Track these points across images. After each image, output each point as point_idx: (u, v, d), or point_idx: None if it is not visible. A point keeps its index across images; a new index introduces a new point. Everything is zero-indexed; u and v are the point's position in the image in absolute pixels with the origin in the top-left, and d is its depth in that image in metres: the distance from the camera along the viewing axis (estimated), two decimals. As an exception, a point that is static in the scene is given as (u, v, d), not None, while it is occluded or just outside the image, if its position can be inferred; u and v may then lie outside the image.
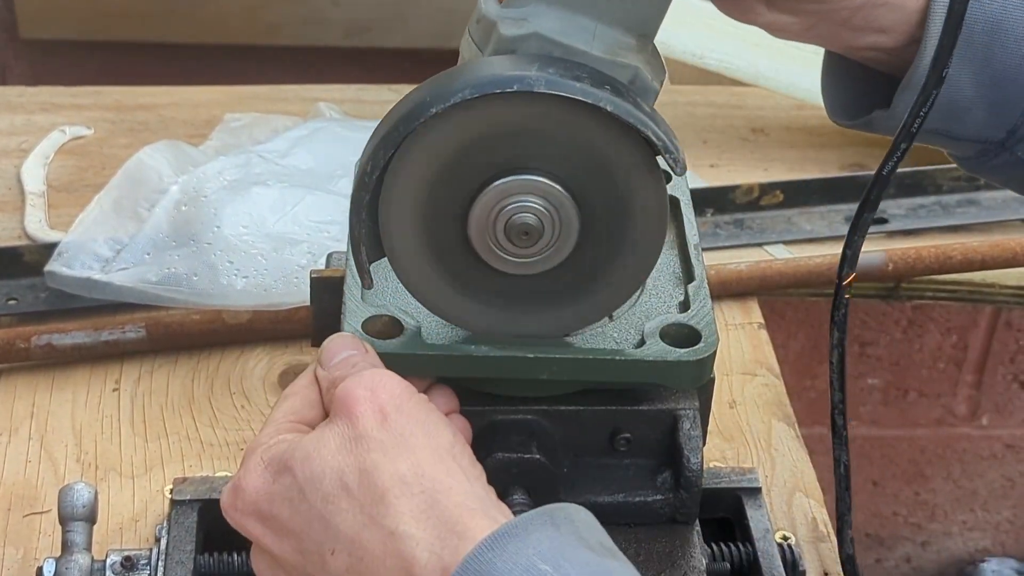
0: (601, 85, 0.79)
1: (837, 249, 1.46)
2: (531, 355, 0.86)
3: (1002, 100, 0.95)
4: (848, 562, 1.06)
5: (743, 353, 1.35)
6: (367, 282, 0.86)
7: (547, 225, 0.83)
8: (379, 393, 0.79)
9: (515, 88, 0.78)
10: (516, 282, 0.86)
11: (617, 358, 0.87)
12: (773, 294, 1.46)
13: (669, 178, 0.97)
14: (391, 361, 0.85)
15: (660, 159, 0.82)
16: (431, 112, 0.79)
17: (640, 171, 0.82)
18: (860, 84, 0.99)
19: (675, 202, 1.01)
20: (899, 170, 1.57)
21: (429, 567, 0.72)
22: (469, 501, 0.75)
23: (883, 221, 1.52)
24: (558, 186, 0.82)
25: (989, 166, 0.99)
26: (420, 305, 0.90)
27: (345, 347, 0.85)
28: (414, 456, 0.76)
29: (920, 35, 0.93)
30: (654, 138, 0.80)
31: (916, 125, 0.92)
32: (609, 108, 0.79)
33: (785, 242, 1.49)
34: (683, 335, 0.89)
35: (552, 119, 0.80)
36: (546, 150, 0.81)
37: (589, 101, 0.78)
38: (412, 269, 0.86)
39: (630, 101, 0.80)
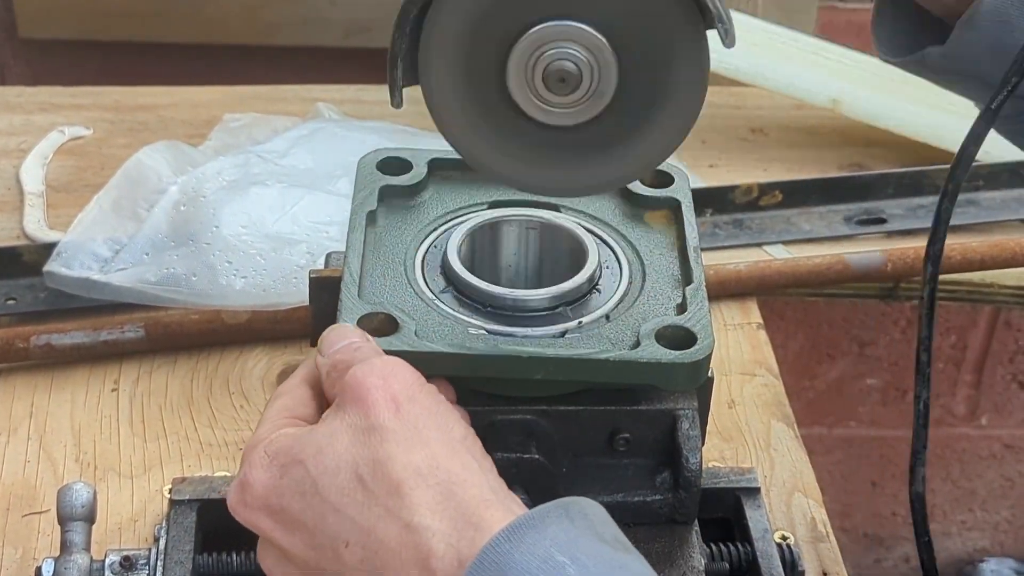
0: None
1: (836, 249, 1.47)
2: (525, 354, 0.86)
3: None
4: (917, 500, 1.05)
5: (742, 353, 1.35)
6: (397, 100, 0.85)
7: (585, 72, 0.82)
8: (391, 382, 0.79)
9: None
10: (555, 134, 0.85)
11: (612, 359, 0.87)
12: (772, 294, 1.46)
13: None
14: None
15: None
16: None
17: (682, 26, 0.81)
18: (914, 22, 0.98)
19: (676, 204, 1.01)
20: (897, 171, 1.58)
21: (446, 559, 0.72)
22: (484, 492, 0.75)
23: (882, 221, 1.52)
24: (598, 33, 0.82)
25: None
26: (416, 304, 0.91)
27: (346, 336, 0.84)
28: (428, 448, 0.76)
29: None
30: (709, 3, 0.79)
31: (1000, 100, 0.92)
32: None
33: (784, 242, 1.49)
34: (679, 337, 0.89)
35: None
36: None
37: None
38: (448, 107, 0.85)
39: None
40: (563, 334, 0.90)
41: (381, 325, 0.88)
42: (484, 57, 0.83)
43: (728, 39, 0.80)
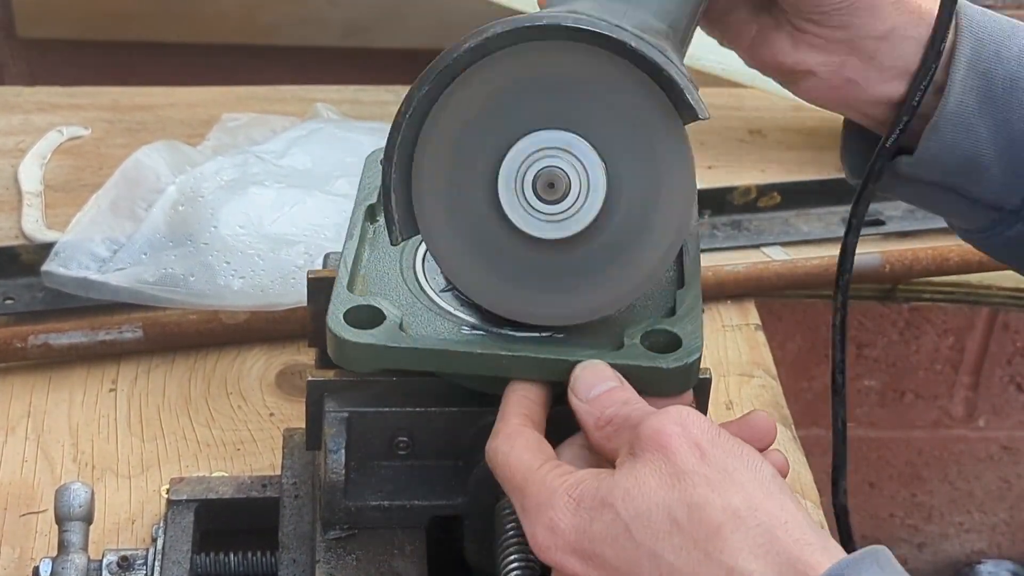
0: (625, 30, 0.82)
1: (834, 251, 1.46)
2: (506, 353, 0.86)
3: (1020, 163, 0.93)
4: (842, 512, 1.07)
5: (740, 355, 1.35)
6: (395, 237, 0.86)
7: (574, 180, 0.83)
8: (690, 428, 0.77)
9: (544, 22, 0.81)
10: (544, 254, 0.85)
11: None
12: (770, 296, 1.46)
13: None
14: (368, 352, 0.86)
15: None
16: (465, 47, 0.81)
17: (666, 125, 0.84)
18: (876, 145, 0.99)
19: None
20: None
21: None
22: (806, 535, 0.73)
23: (880, 223, 1.52)
24: (586, 141, 0.83)
25: (1003, 239, 0.98)
26: (409, 300, 0.90)
27: (604, 378, 0.84)
28: (743, 490, 0.75)
29: (943, 80, 0.93)
30: (676, 77, 0.81)
31: (917, 99, 0.92)
32: (632, 44, 0.81)
33: (782, 244, 1.49)
34: (663, 341, 0.88)
35: (578, 61, 0.82)
36: (575, 103, 0.83)
37: (614, 36, 0.81)
38: (440, 232, 0.86)
39: (654, 46, 0.82)
40: (551, 335, 0.90)
41: (367, 318, 0.88)
42: (472, 179, 0.84)
43: (701, 111, 0.83)
